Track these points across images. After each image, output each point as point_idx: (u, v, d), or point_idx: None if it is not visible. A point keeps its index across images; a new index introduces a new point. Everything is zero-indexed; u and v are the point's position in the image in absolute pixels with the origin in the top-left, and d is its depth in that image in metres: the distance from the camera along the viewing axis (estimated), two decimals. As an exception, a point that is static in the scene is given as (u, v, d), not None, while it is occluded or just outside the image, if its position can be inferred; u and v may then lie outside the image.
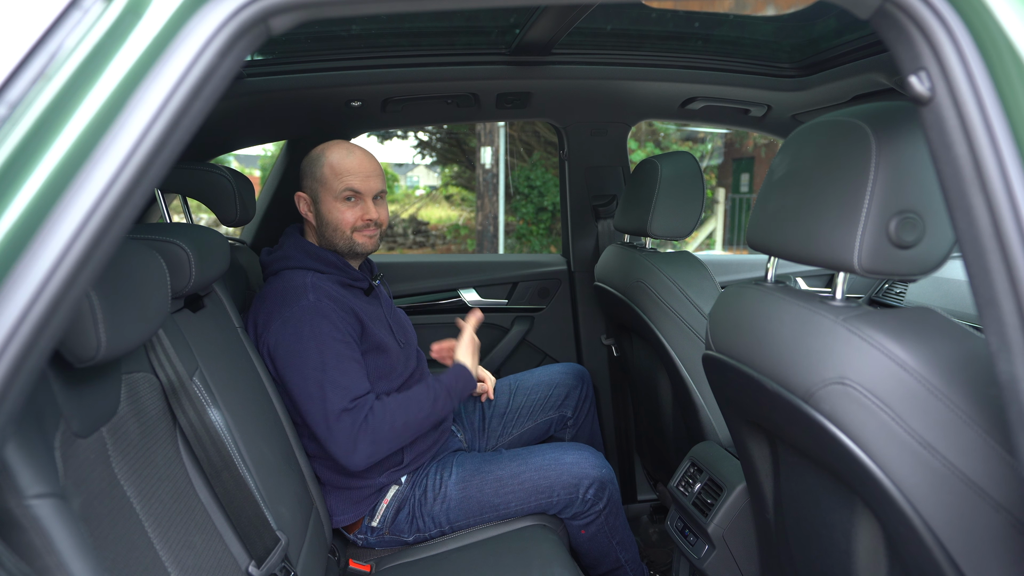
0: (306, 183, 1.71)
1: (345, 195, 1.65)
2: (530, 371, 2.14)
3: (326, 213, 1.67)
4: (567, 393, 2.07)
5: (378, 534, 1.67)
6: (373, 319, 1.69)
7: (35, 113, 0.55)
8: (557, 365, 2.14)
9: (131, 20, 0.57)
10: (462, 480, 1.67)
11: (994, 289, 0.63)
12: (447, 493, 1.66)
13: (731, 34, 2.07)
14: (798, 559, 1.16)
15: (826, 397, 0.87)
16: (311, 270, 1.65)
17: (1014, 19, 0.61)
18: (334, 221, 1.67)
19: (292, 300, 1.57)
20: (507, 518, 1.67)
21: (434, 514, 1.66)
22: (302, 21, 0.62)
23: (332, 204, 1.66)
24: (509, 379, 2.11)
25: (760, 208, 1.03)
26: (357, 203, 1.67)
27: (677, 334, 1.74)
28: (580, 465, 1.68)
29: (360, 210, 1.67)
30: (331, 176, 1.65)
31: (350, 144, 1.71)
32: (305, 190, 1.71)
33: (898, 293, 2.15)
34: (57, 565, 0.68)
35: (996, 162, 0.61)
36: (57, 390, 0.82)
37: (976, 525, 0.79)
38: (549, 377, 2.09)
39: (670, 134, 10.48)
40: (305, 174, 1.70)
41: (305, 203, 1.71)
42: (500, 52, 2.02)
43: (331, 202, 1.66)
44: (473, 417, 2.03)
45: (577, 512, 1.68)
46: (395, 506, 1.66)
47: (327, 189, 1.66)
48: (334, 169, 1.65)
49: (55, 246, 0.56)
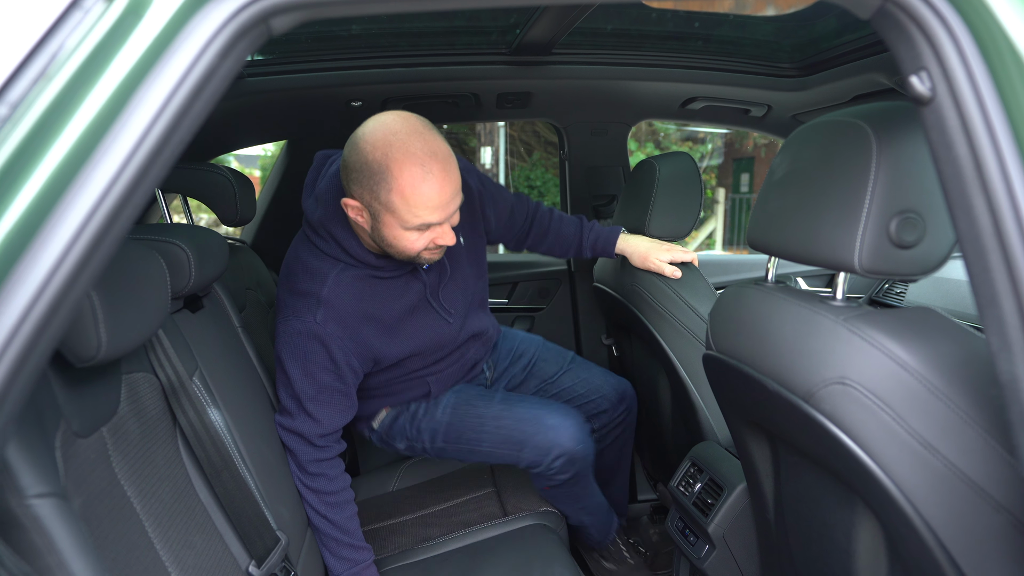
0: (361, 195, 1.32)
1: (418, 228, 1.34)
2: (588, 365, 1.98)
3: (391, 238, 1.36)
4: (604, 408, 1.93)
5: (377, 435, 1.77)
6: (405, 311, 1.52)
7: (36, 113, 0.55)
8: (612, 377, 1.97)
9: (132, 20, 0.56)
10: (452, 406, 1.70)
11: (995, 289, 0.63)
12: (437, 415, 1.69)
13: (731, 34, 2.08)
14: (798, 559, 1.16)
15: (827, 397, 0.87)
16: (340, 262, 1.46)
17: (1015, 19, 0.61)
18: (399, 246, 1.38)
19: (299, 308, 1.43)
20: (480, 457, 1.69)
21: (422, 428, 1.70)
22: (303, 21, 0.62)
23: (399, 232, 1.35)
24: (568, 355, 1.97)
25: (760, 208, 1.03)
26: (432, 227, 1.36)
27: (674, 335, 1.75)
28: (558, 432, 1.61)
29: (433, 234, 1.37)
30: (402, 207, 1.30)
31: (424, 159, 1.28)
32: (357, 199, 1.34)
33: (898, 293, 2.15)
34: (58, 564, 0.68)
35: (997, 162, 0.61)
36: (58, 390, 0.82)
37: (977, 525, 0.79)
38: (598, 381, 1.94)
39: (670, 134, 10.48)
40: (360, 184, 1.31)
41: (356, 211, 1.36)
42: (500, 52, 2.02)
43: (398, 229, 1.34)
44: (515, 368, 1.93)
45: (540, 474, 1.67)
46: (393, 415, 1.73)
47: (395, 217, 1.32)
48: (407, 200, 1.29)
49: (56, 246, 0.56)
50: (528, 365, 1.93)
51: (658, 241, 1.84)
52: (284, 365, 1.44)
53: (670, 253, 1.81)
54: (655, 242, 1.84)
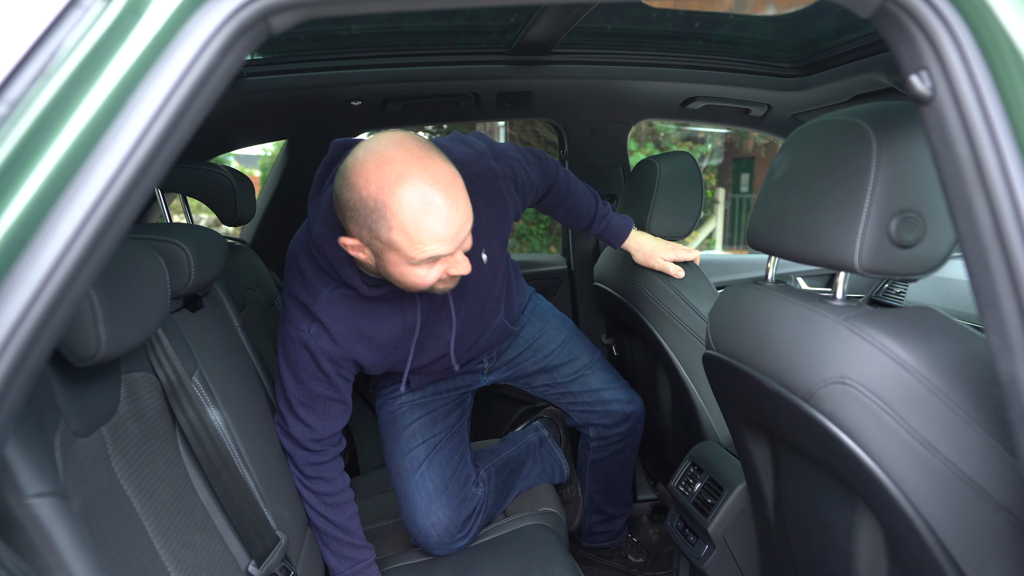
0: (359, 234, 1.19)
1: (427, 262, 1.20)
2: (605, 374, 1.88)
3: (398, 275, 1.23)
4: (604, 423, 1.88)
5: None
6: (401, 332, 1.45)
7: (35, 112, 0.55)
8: (624, 394, 1.89)
9: (131, 19, 0.56)
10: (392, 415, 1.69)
11: (995, 289, 0.63)
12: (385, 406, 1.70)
13: (731, 34, 2.08)
14: (798, 559, 1.16)
15: (827, 397, 0.87)
16: (334, 280, 1.38)
17: (1015, 18, 0.61)
18: (409, 283, 1.25)
19: (294, 315, 1.39)
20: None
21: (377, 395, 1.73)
22: (302, 20, 0.62)
23: (406, 269, 1.21)
24: (587, 360, 1.87)
25: (760, 208, 1.03)
26: (442, 260, 1.22)
27: (674, 335, 1.75)
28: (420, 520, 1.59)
29: (445, 264, 1.23)
30: (405, 244, 1.16)
31: (424, 189, 1.13)
32: (356, 238, 1.20)
33: (898, 293, 2.15)
34: (57, 564, 0.68)
35: (997, 161, 0.61)
36: (57, 389, 0.82)
37: (977, 525, 0.79)
38: (607, 396, 1.86)
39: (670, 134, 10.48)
40: (356, 222, 1.17)
41: (356, 249, 1.23)
42: (500, 52, 2.02)
43: (404, 267, 1.21)
44: (526, 361, 1.84)
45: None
46: None
47: (399, 255, 1.18)
48: (410, 236, 1.15)
49: (55, 245, 0.56)
50: (542, 360, 1.84)
51: (663, 240, 1.83)
52: (280, 367, 1.44)
53: (674, 252, 1.80)
54: (660, 241, 1.83)
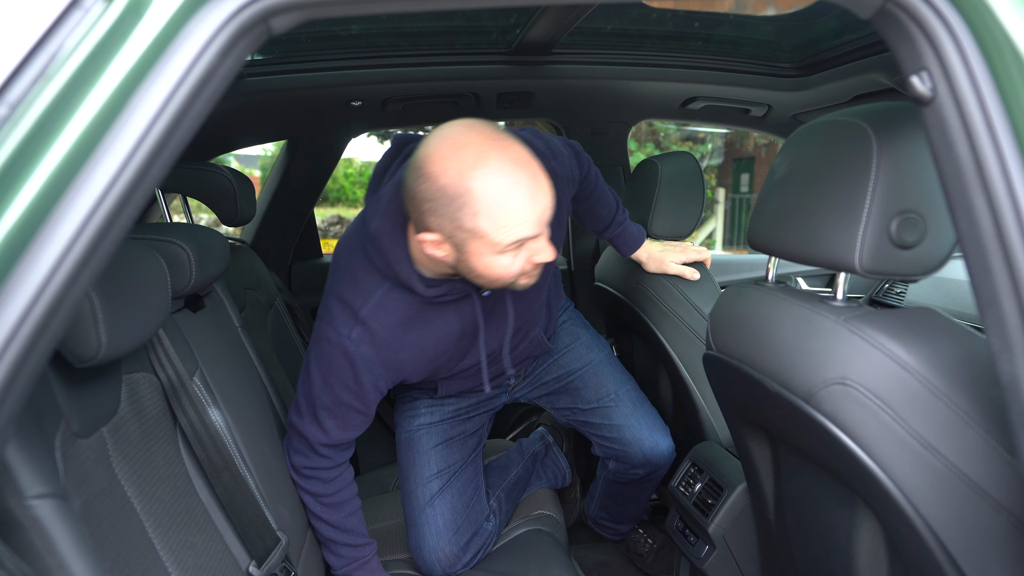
0: (440, 226, 1.13)
1: (513, 248, 1.16)
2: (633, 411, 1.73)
3: (482, 267, 1.18)
4: (622, 459, 1.74)
5: None
6: (451, 339, 1.40)
7: (36, 113, 0.55)
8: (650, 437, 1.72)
9: (132, 20, 0.56)
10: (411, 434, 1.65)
11: (996, 289, 0.63)
12: (405, 426, 1.66)
13: (731, 34, 2.07)
14: (799, 559, 1.16)
15: (827, 397, 0.87)
16: (389, 280, 1.30)
17: (1016, 19, 0.61)
18: (493, 275, 1.19)
19: (337, 317, 1.32)
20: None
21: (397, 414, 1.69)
22: (303, 21, 0.62)
23: (491, 259, 1.16)
24: (615, 390, 1.74)
25: (761, 208, 1.03)
26: (526, 244, 1.17)
27: (677, 335, 1.74)
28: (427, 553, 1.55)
29: (529, 252, 1.18)
30: (491, 228, 1.11)
31: (507, 169, 1.09)
32: (436, 231, 1.14)
33: (899, 293, 2.15)
34: (58, 565, 0.68)
35: (998, 162, 0.61)
36: (58, 390, 0.82)
37: (977, 525, 0.79)
38: (628, 436, 1.72)
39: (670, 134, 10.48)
40: (436, 214, 1.12)
41: (435, 245, 1.17)
42: (501, 52, 2.02)
43: (489, 256, 1.16)
44: (549, 377, 1.76)
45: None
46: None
47: (484, 243, 1.13)
48: (496, 220, 1.10)
49: (56, 246, 0.56)
50: (564, 377, 1.75)
51: (668, 243, 1.81)
52: (309, 365, 1.36)
53: (684, 254, 1.78)
54: (667, 245, 1.80)
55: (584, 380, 1.74)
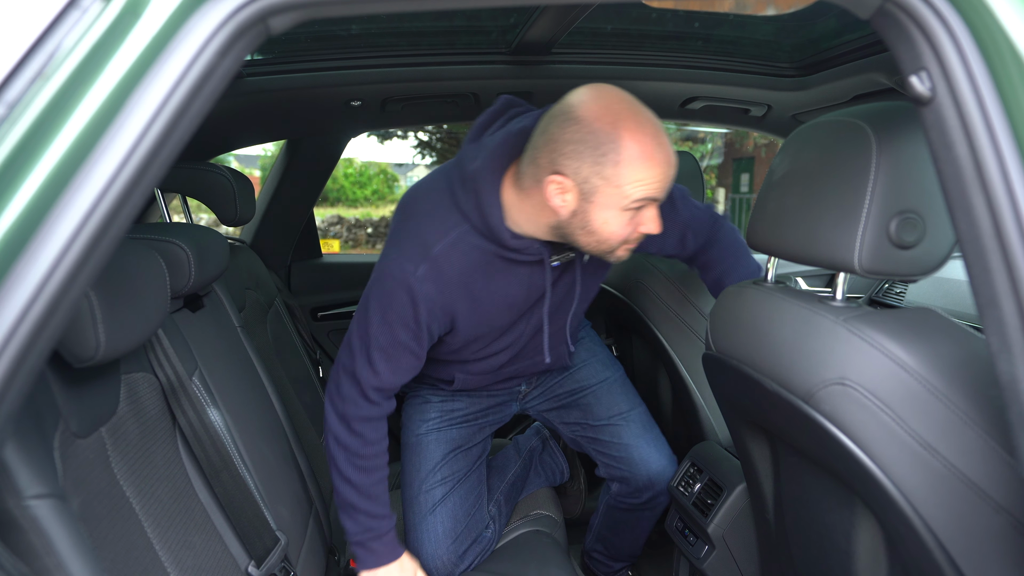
0: (578, 169, 1.15)
1: (637, 205, 1.18)
2: (643, 432, 1.73)
3: (599, 221, 1.19)
4: (626, 481, 1.73)
5: None
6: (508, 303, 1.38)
7: (34, 113, 0.55)
8: (657, 460, 1.71)
9: (130, 20, 0.56)
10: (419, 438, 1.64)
11: (995, 289, 0.63)
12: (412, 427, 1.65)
13: (731, 34, 2.07)
14: (798, 559, 1.16)
15: (826, 398, 0.86)
16: (469, 223, 1.29)
17: (1015, 19, 0.61)
18: (607, 231, 1.20)
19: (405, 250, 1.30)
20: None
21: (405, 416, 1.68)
22: (301, 21, 0.62)
23: (613, 213, 1.17)
24: (625, 408, 1.73)
25: (760, 208, 1.03)
26: (642, 211, 1.20)
27: (676, 334, 1.74)
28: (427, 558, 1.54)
29: (641, 219, 1.20)
30: (630, 177, 1.13)
31: (654, 130, 1.16)
32: (571, 175, 1.16)
33: (898, 293, 2.14)
34: (56, 566, 0.68)
35: (997, 162, 0.61)
36: (56, 390, 0.82)
37: (976, 526, 0.79)
38: (636, 457, 1.71)
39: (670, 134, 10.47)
40: (579, 156, 1.14)
41: (561, 190, 1.18)
42: (500, 52, 2.02)
43: (612, 209, 1.17)
44: (561, 390, 1.75)
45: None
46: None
47: (618, 191, 1.15)
48: (638, 170, 1.13)
49: (54, 246, 0.56)
50: (578, 392, 1.74)
51: None
52: (367, 304, 1.33)
53: None
54: None
55: (597, 396, 1.73)
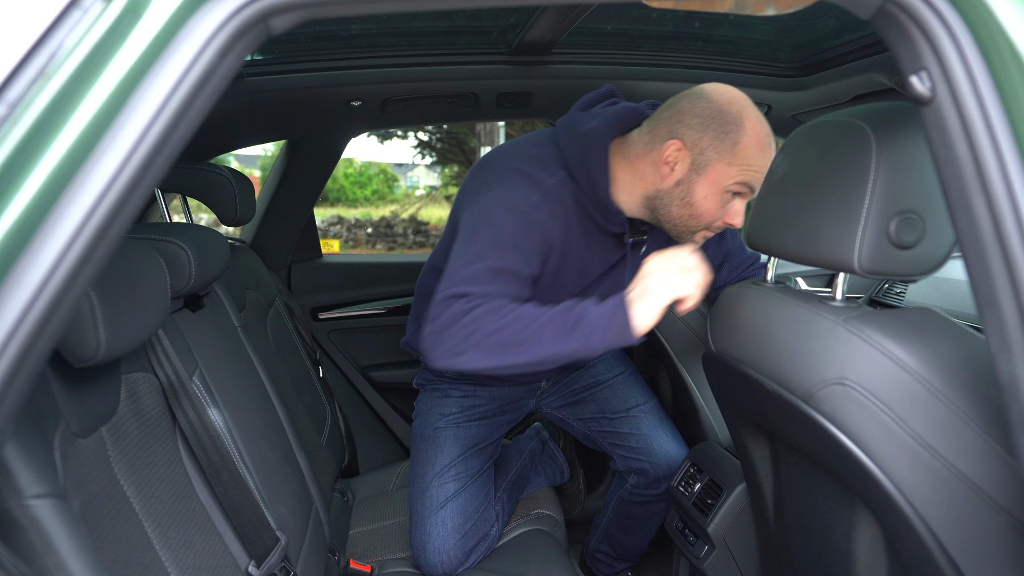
0: (698, 140, 1.26)
1: (736, 189, 1.28)
2: (658, 423, 1.74)
3: (699, 195, 1.28)
4: (645, 472, 1.73)
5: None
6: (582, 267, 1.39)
7: (35, 113, 0.55)
8: (674, 450, 1.72)
9: (131, 20, 0.56)
10: (436, 429, 1.65)
11: (995, 289, 0.63)
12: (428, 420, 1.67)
13: (731, 34, 2.07)
14: (798, 559, 1.16)
15: (826, 398, 0.87)
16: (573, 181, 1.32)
17: (1015, 19, 0.61)
18: (701, 209, 1.29)
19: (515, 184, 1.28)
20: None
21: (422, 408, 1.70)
22: (302, 21, 0.62)
23: (713, 190, 1.27)
24: (640, 400, 1.76)
25: (760, 208, 1.03)
26: (734, 200, 1.30)
27: (676, 334, 1.74)
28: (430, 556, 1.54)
29: (731, 209, 1.30)
30: (742, 158, 1.25)
31: (767, 126, 1.28)
32: (689, 144, 1.26)
33: (898, 293, 2.15)
34: (56, 565, 0.68)
35: (997, 162, 0.61)
36: (56, 390, 0.82)
37: (976, 526, 0.79)
38: (655, 447, 1.71)
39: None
40: (703, 129, 1.25)
41: (676, 155, 1.27)
42: (500, 52, 2.02)
43: (714, 186, 1.27)
44: (577, 385, 1.76)
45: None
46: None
47: (727, 168, 1.25)
48: (749, 155, 1.25)
49: (55, 246, 0.56)
50: (595, 388, 1.76)
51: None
52: (475, 234, 1.25)
53: None
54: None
55: (613, 389, 1.76)
